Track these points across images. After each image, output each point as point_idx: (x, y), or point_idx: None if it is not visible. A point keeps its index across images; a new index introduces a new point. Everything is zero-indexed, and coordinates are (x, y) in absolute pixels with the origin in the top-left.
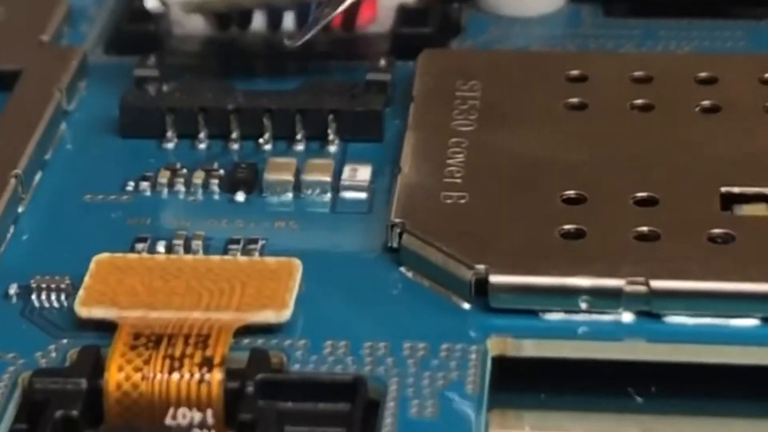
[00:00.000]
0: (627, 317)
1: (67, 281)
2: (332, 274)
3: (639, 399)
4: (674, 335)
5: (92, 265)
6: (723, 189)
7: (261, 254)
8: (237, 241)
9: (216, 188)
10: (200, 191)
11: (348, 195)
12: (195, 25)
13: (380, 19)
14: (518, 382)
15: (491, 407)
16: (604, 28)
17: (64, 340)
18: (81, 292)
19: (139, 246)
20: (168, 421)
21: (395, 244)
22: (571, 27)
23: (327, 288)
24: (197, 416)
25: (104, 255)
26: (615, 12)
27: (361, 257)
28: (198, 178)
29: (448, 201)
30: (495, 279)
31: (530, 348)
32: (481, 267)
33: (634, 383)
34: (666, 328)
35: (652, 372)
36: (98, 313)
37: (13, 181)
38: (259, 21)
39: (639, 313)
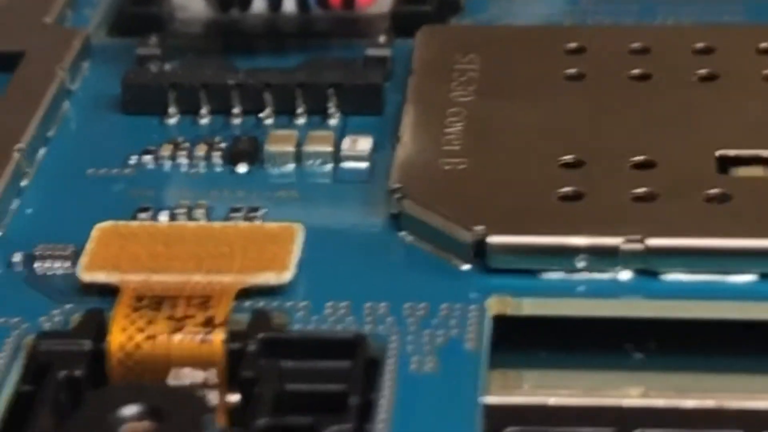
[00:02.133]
0: (624, 275)
1: (71, 249)
2: (334, 241)
3: (638, 355)
4: (672, 292)
5: (94, 233)
6: (719, 152)
7: (263, 222)
8: (239, 210)
9: (218, 160)
10: (202, 164)
11: (349, 165)
12: (197, 8)
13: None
14: (518, 342)
15: (492, 368)
16: (603, 4)
17: (68, 306)
18: (83, 258)
19: (142, 215)
20: (171, 380)
21: (395, 210)
22: (569, 4)
23: (328, 253)
24: (200, 375)
25: (107, 223)
26: None
27: (362, 224)
28: (200, 150)
29: (447, 167)
30: (493, 239)
31: (529, 307)
32: (480, 228)
33: (633, 341)
34: (663, 285)
35: (650, 329)
36: (101, 277)
37: (16, 155)
38: (258, 3)
39: (636, 272)
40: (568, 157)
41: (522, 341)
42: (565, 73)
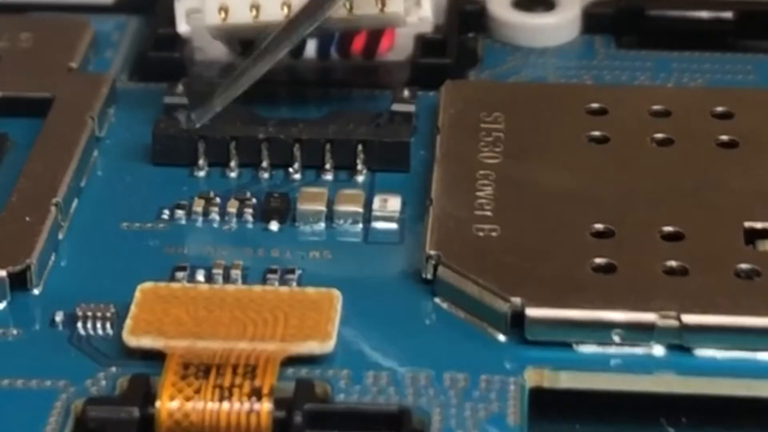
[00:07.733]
0: (658, 350)
1: (112, 309)
2: (368, 304)
3: (671, 430)
4: (704, 368)
5: (137, 294)
6: (746, 224)
7: (299, 284)
8: (275, 271)
9: (250, 217)
10: (234, 220)
11: (379, 225)
12: (217, 51)
13: (398, 47)
14: (551, 413)
15: None
16: (618, 60)
17: (113, 368)
18: (128, 322)
19: (180, 275)
20: None
21: (430, 276)
22: (585, 58)
23: (364, 318)
24: None
25: (148, 284)
26: (626, 43)
27: (396, 287)
28: (232, 207)
29: (481, 234)
30: (532, 312)
31: (566, 380)
32: (517, 300)
33: (666, 414)
34: (696, 361)
35: (684, 404)
36: (146, 342)
37: (53, 209)
38: None
39: (670, 346)
40: (598, 226)
41: (555, 413)
42: (589, 135)
